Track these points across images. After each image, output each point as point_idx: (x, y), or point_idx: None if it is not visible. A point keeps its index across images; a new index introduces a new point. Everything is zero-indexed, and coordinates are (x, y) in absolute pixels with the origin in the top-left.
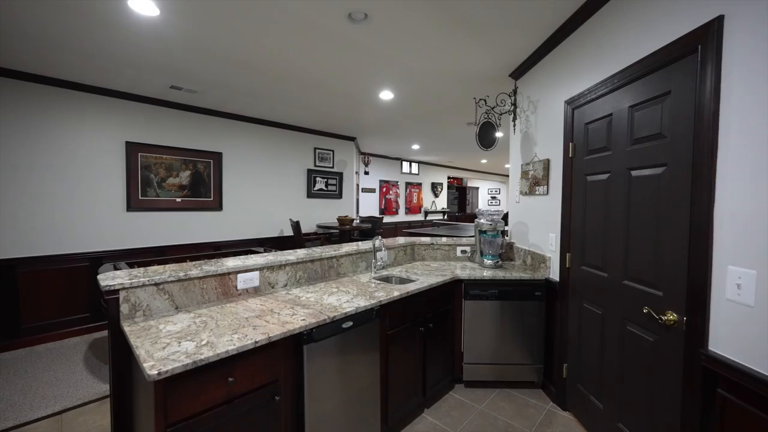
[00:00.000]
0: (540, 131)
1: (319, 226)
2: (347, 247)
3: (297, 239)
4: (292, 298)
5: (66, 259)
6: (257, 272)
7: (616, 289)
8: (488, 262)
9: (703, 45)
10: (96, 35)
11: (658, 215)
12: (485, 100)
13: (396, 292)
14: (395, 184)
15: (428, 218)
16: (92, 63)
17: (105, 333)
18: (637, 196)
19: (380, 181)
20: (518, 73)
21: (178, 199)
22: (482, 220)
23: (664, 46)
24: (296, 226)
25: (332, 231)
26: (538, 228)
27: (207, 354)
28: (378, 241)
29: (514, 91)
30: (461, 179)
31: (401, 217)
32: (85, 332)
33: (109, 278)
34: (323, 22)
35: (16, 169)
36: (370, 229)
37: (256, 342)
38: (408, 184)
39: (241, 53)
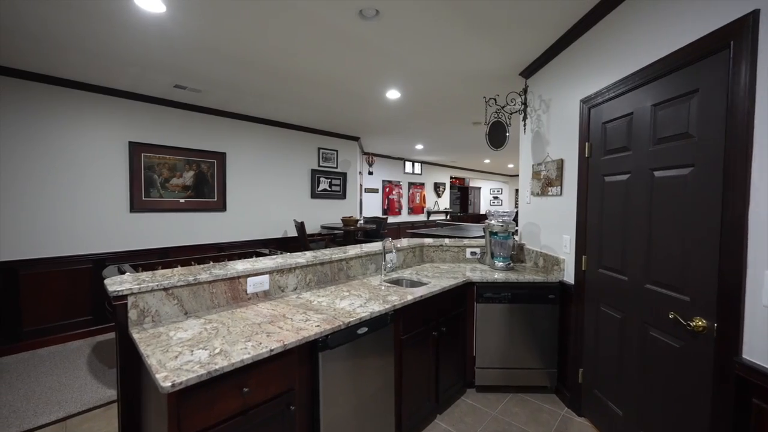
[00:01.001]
0: (552, 131)
1: (323, 227)
2: (356, 249)
3: (301, 240)
4: (304, 303)
5: (68, 261)
6: (267, 276)
7: (637, 293)
8: (499, 264)
9: (736, 41)
10: (100, 33)
11: (684, 217)
12: (495, 99)
13: (409, 295)
14: (398, 184)
15: (431, 218)
16: (95, 62)
17: (108, 336)
18: (661, 197)
19: (383, 181)
20: (529, 71)
21: (182, 200)
22: (493, 221)
23: (691, 43)
24: (301, 227)
25: (336, 232)
26: (551, 229)
27: (221, 363)
28: (388, 243)
29: (525, 90)
30: (463, 179)
31: (404, 217)
32: (88, 335)
33: (116, 283)
34: (333, 19)
35: (18, 169)
36: (375, 229)
37: (271, 350)
38: (411, 184)
39: (247, 52)
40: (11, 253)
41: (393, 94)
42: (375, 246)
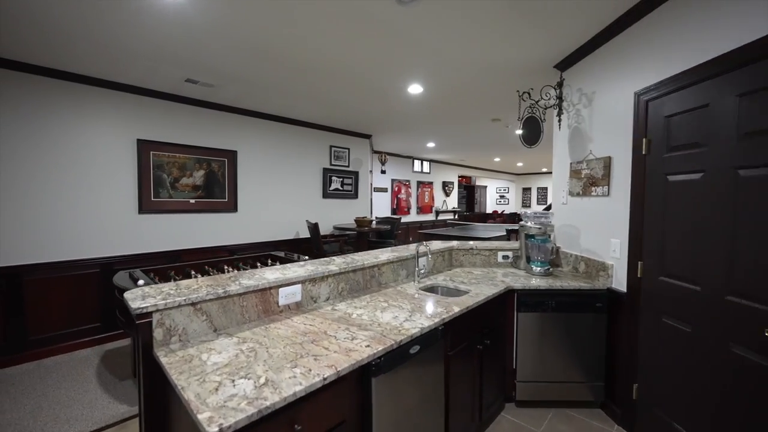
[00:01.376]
0: (596, 126)
1: (335, 228)
2: (388, 254)
3: (315, 242)
4: (342, 316)
5: (74, 266)
6: (299, 285)
7: (715, 306)
8: (537, 269)
9: None
10: (111, 22)
11: None
12: (529, 94)
13: (455, 306)
14: (406, 183)
15: (439, 218)
16: (104, 53)
17: (118, 344)
18: (749, 198)
19: (392, 180)
20: (566, 63)
21: (192, 201)
22: (529, 224)
23: None
24: (314, 228)
25: (348, 232)
26: (595, 232)
27: (272, 399)
28: (422, 247)
29: (560, 84)
30: (469, 178)
31: (413, 216)
32: (96, 343)
33: (138, 298)
34: (367, 5)
35: (20, 168)
36: (389, 230)
37: (324, 378)
38: (419, 183)
39: (269, 41)
40: (14, 258)
41: (415, 89)
42: (407, 250)
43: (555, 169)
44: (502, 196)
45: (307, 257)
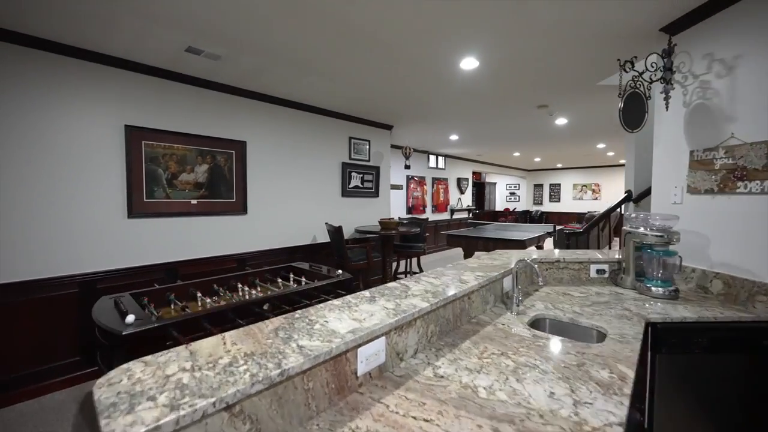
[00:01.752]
0: (742, 101)
1: (357, 230)
2: (469, 273)
3: (338, 248)
4: (463, 393)
5: (46, 286)
6: (383, 339)
7: None
8: (658, 290)
9: None
10: None
11: None
12: (632, 63)
13: (624, 368)
14: (421, 180)
15: (454, 217)
16: (81, 8)
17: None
18: None
19: (407, 176)
20: (684, 22)
21: (194, 201)
22: (642, 230)
23: None
24: (337, 231)
25: (371, 236)
26: (743, 241)
27: None
28: (525, 261)
29: (669, 51)
30: (480, 174)
31: (427, 215)
32: (74, 382)
33: (121, 409)
34: None
35: None
36: (418, 233)
37: None
38: (434, 179)
39: None
40: None
41: (469, 64)
42: (485, 264)
43: (659, 159)
44: (512, 193)
45: (340, 271)
